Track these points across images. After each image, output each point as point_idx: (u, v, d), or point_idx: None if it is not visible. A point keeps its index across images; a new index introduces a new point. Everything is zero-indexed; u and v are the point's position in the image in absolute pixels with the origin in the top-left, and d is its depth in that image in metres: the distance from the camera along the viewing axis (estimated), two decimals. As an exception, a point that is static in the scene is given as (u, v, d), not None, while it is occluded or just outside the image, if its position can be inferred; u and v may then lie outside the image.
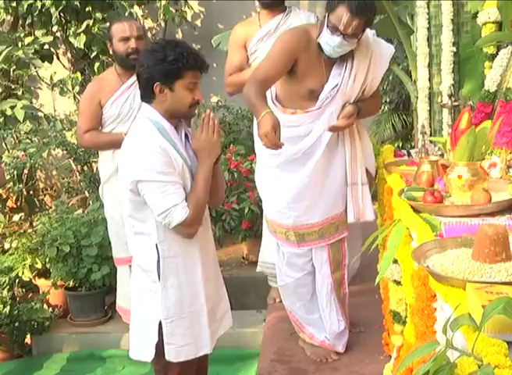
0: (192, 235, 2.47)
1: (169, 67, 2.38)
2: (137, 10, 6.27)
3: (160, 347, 2.53)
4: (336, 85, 3.09)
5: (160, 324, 2.50)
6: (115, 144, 3.70)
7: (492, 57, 3.69)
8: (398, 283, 2.75)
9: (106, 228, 4.60)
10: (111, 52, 3.79)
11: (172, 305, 2.50)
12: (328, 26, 2.93)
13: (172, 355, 2.52)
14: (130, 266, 3.06)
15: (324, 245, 3.28)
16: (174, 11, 6.11)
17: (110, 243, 4.49)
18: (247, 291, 4.87)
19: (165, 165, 2.38)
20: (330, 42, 2.96)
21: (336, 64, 3.10)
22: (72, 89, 5.88)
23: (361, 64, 3.10)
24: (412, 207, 2.49)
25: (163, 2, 6.01)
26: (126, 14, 5.86)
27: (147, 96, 2.46)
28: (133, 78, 3.70)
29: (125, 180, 2.44)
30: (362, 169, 3.26)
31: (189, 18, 6.35)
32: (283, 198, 3.22)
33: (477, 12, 3.97)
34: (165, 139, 2.43)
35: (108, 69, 4.12)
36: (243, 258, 5.28)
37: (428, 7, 4.09)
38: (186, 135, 2.54)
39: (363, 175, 3.27)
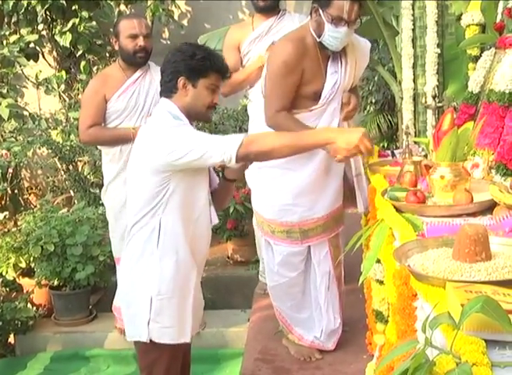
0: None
1: (197, 63, 2.45)
2: (124, 9, 6.25)
3: (149, 344, 2.51)
4: (335, 82, 3.11)
5: (150, 303, 2.48)
6: (122, 139, 3.72)
7: (476, 59, 3.71)
8: (381, 282, 2.76)
9: (91, 227, 4.60)
10: (116, 48, 3.78)
11: (165, 281, 2.49)
12: (331, 21, 2.92)
13: (155, 333, 2.50)
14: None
15: (324, 240, 3.29)
16: (161, 10, 6.10)
17: (95, 243, 4.49)
18: (232, 290, 4.87)
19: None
20: (337, 35, 2.96)
21: (330, 61, 3.12)
22: (58, 88, 5.85)
23: (351, 57, 3.14)
24: (395, 207, 2.50)
25: (150, 1, 6.00)
26: (116, 13, 5.86)
27: (169, 90, 2.49)
28: (138, 73, 3.79)
29: (150, 164, 2.41)
30: (362, 159, 3.30)
31: (176, 17, 6.34)
32: (288, 195, 3.19)
33: (461, 14, 4.00)
34: None
35: (112, 65, 4.17)
36: (228, 257, 5.27)
37: (413, 9, 4.12)
38: None
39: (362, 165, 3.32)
